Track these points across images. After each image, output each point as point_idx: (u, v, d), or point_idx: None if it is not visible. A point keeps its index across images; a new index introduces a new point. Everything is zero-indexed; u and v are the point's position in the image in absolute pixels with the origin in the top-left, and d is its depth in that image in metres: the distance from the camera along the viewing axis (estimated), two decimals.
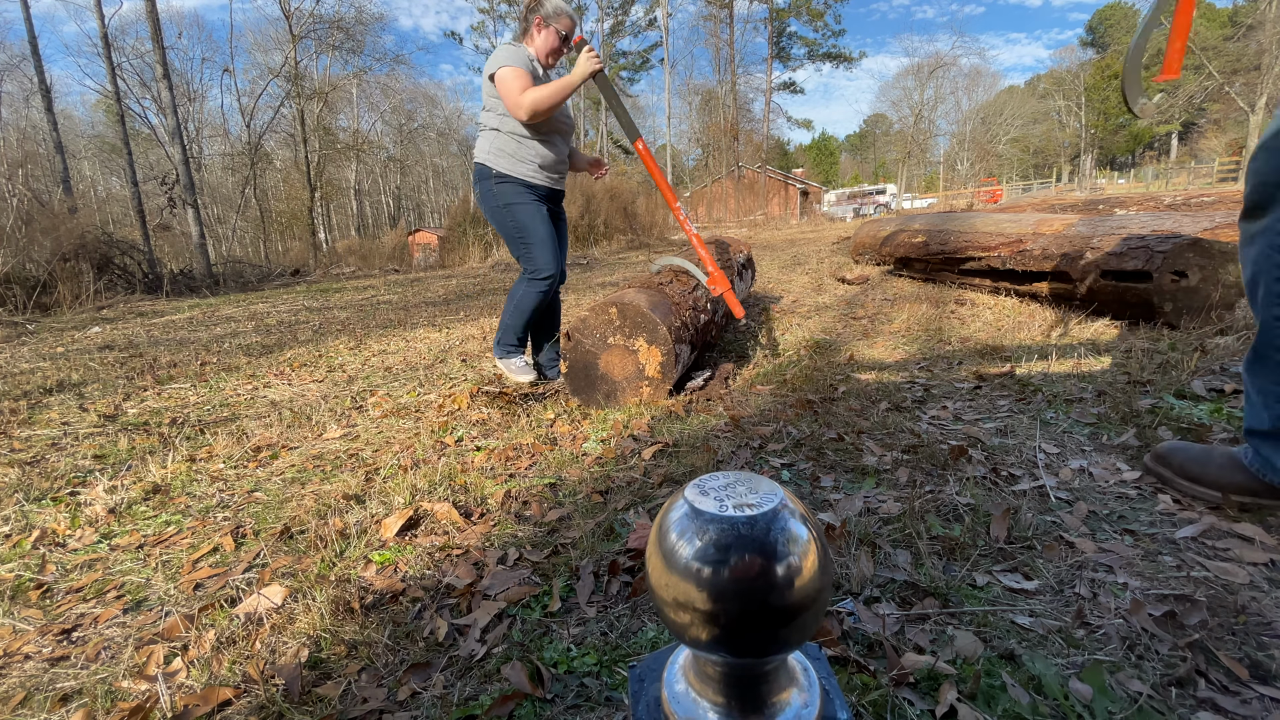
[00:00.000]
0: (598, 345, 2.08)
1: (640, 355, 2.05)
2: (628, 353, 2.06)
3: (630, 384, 2.08)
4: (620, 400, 2.10)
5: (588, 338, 2.08)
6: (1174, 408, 1.61)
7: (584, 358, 2.09)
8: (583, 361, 2.09)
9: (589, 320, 2.07)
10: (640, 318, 2.02)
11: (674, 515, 0.38)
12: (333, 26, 22.68)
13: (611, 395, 2.10)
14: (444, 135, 38.42)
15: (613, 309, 2.05)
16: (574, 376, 2.11)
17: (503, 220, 2.26)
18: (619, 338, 2.06)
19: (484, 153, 2.24)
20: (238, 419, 2.29)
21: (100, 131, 29.70)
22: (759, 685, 0.40)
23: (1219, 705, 0.73)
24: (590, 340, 2.08)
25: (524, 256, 2.27)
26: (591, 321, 2.07)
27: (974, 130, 45.61)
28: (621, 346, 2.06)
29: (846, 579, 1.01)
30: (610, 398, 2.10)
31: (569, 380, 2.12)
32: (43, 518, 1.52)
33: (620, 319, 2.05)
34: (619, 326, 2.05)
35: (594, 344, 2.08)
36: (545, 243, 2.23)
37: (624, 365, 2.07)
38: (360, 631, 0.98)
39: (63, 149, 11.10)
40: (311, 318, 5.47)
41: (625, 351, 2.06)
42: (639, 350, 2.05)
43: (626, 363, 2.07)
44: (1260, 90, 23.78)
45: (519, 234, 2.25)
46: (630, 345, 2.05)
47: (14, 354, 4.14)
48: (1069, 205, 6.66)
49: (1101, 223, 2.93)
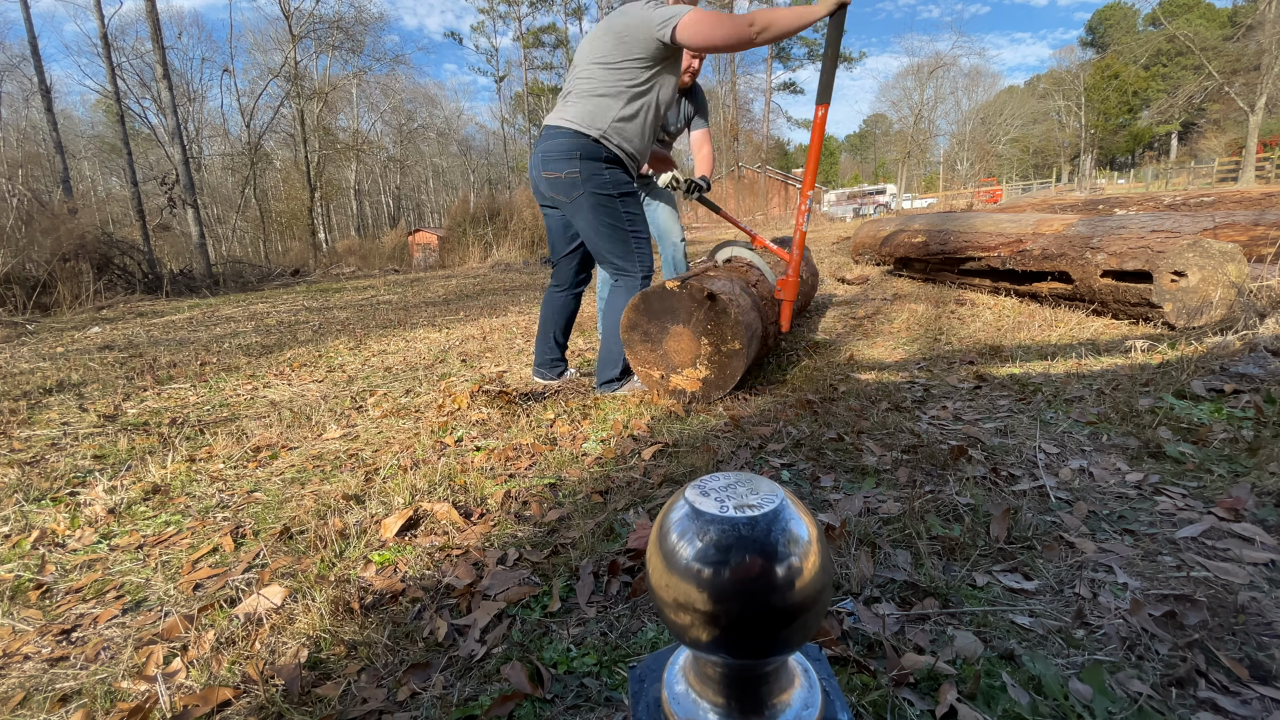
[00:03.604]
0: (679, 315, 1.89)
1: (702, 357, 1.91)
2: (695, 345, 1.90)
3: (670, 375, 1.95)
4: (656, 381, 1.94)
5: (677, 306, 1.87)
6: (1174, 408, 1.61)
7: (661, 314, 1.90)
8: (658, 314, 1.90)
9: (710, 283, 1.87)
10: (733, 328, 1.85)
11: (674, 516, 0.38)
12: (332, 26, 22.69)
13: (650, 366, 1.94)
14: (444, 135, 38.42)
15: (724, 302, 1.84)
16: (640, 318, 1.92)
17: (611, 211, 1.92)
18: (700, 326, 1.86)
19: (593, 124, 1.84)
20: (237, 419, 2.29)
21: (100, 131, 29.68)
22: (759, 686, 0.40)
23: (1219, 705, 0.72)
24: (681, 305, 1.87)
25: (625, 255, 1.97)
26: (712, 286, 1.86)
27: (974, 130, 45.60)
28: (691, 334, 1.91)
29: (846, 579, 1.01)
30: (645, 369, 1.94)
31: (632, 314, 1.94)
32: (42, 518, 1.52)
33: (712, 314, 1.85)
34: (708, 317, 1.85)
35: (679, 311, 1.88)
36: (648, 237, 2.03)
37: (682, 353, 1.92)
38: (360, 632, 0.98)
39: (63, 149, 11.11)
40: (311, 318, 5.47)
41: (694, 341, 1.90)
42: (701, 356, 1.91)
43: (684, 352, 1.92)
44: (1260, 90, 23.77)
45: (631, 227, 1.96)
46: (705, 341, 1.89)
47: (14, 354, 4.14)
48: (1069, 205, 6.66)
49: (1101, 223, 2.93)
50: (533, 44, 35.01)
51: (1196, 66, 31.41)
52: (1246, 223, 3.39)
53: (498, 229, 13.81)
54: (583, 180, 1.88)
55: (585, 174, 1.87)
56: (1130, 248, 2.60)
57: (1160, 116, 38.96)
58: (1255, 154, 23.46)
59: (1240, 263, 2.44)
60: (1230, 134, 35.82)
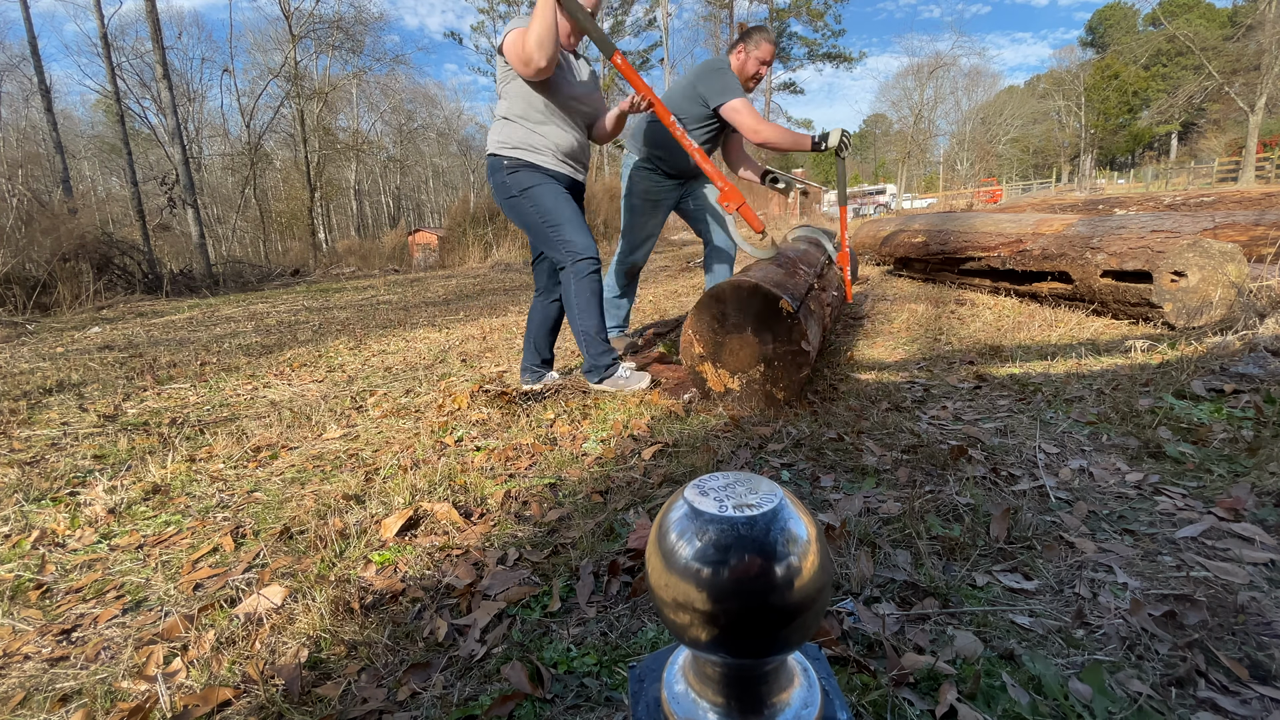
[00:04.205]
0: (744, 318, 1.81)
1: (749, 373, 1.85)
2: (753, 359, 1.83)
3: (711, 362, 1.89)
4: (694, 355, 1.89)
5: (742, 307, 1.80)
6: (1174, 408, 1.61)
7: (746, 318, 1.82)
8: (745, 314, 1.83)
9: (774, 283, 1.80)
10: (791, 356, 1.78)
11: (674, 515, 0.38)
12: (332, 26, 22.67)
13: (699, 342, 1.88)
14: (444, 135, 38.40)
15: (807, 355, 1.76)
16: (731, 309, 1.84)
17: (523, 209, 2.05)
18: (768, 352, 1.79)
19: (494, 143, 2.06)
20: (237, 419, 2.29)
21: (100, 131, 29.66)
22: (759, 685, 0.40)
23: (1219, 705, 0.73)
24: (747, 305, 1.79)
25: (556, 243, 2.03)
26: (777, 287, 1.79)
27: (974, 130, 45.61)
28: (755, 352, 1.83)
29: (846, 579, 1.01)
30: (695, 343, 1.88)
31: (697, 311, 1.88)
32: (42, 518, 1.52)
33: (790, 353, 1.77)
34: (781, 351, 1.78)
35: (745, 313, 1.80)
36: (574, 220, 2.04)
37: (736, 358, 1.86)
38: (360, 632, 0.98)
39: (63, 149, 11.11)
40: (311, 318, 5.47)
41: (753, 356, 1.83)
42: (749, 372, 1.83)
43: (739, 359, 1.85)
44: (1260, 90, 23.78)
45: (543, 218, 2.02)
46: (759, 368, 1.81)
47: (14, 354, 4.14)
48: (1069, 205, 6.66)
49: (1101, 223, 2.93)
50: None
51: (1196, 66, 31.42)
52: (1246, 223, 3.39)
53: (498, 229, 13.81)
54: (496, 194, 2.12)
55: (494, 188, 2.12)
56: (1130, 248, 2.60)
57: (1160, 116, 38.97)
58: (1255, 154, 23.47)
59: (1240, 263, 2.44)
60: (1230, 134, 35.82)
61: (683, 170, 2.73)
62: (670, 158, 2.68)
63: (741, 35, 2.59)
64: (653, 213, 2.78)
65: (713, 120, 2.58)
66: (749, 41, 2.55)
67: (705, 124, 2.61)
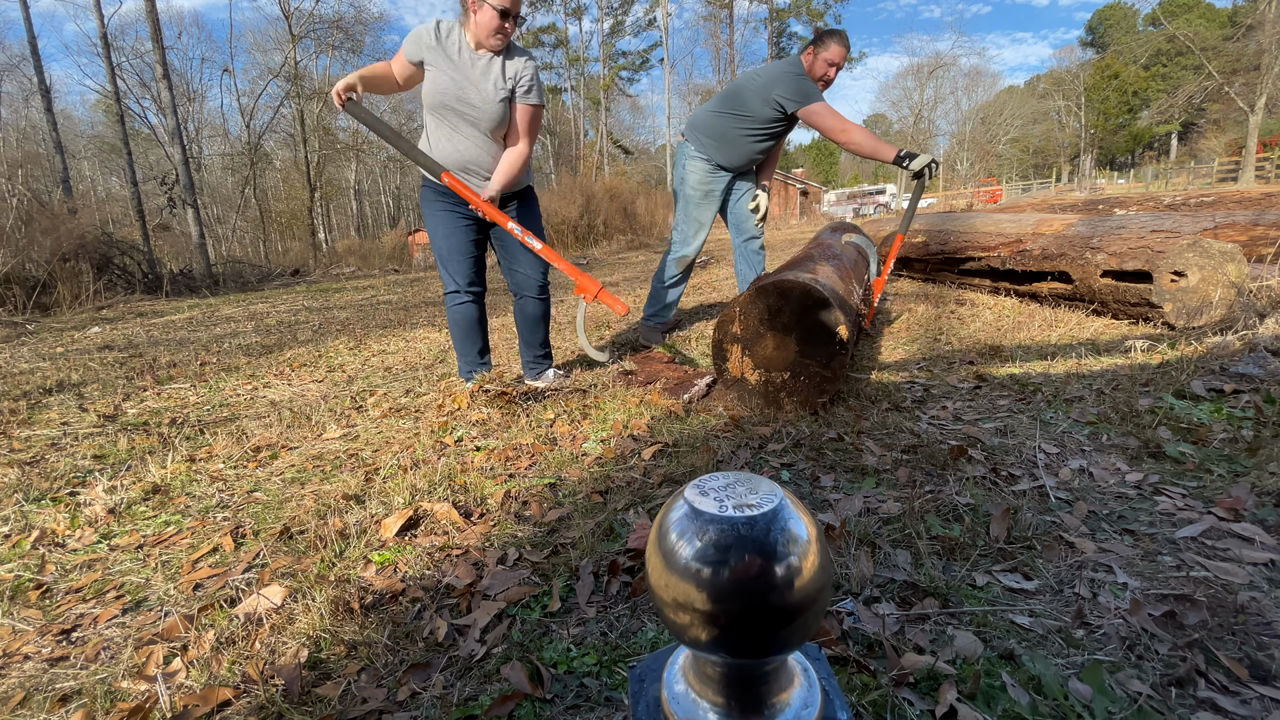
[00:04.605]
0: (797, 323, 1.77)
1: (780, 373, 1.82)
2: (785, 358, 1.80)
3: (741, 351, 1.86)
4: (721, 339, 1.87)
5: (802, 313, 1.76)
6: (1174, 408, 1.61)
7: (784, 315, 1.79)
8: (782, 313, 1.79)
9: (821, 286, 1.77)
10: (829, 373, 1.74)
11: (674, 515, 0.38)
12: (332, 26, 22.69)
13: (733, 323, 1.85)
14: None
15: (836, 319, 1.72)
16: (762, 302, 1.80)
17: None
18: (802, 345, 1.75)
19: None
20: (237, 419, 2.29)
21: (100, 131, 29.67)
22: (759, 686, 0.40)
23: (1219, 705, 0.73)
24: (806, 314, 1.75)
25: (441, 271, 2.14)
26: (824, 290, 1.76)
27: (974, 130, 45.62)
28: (793, 354, 1.79)
29: (846, 579, 1.01)
30: (733, 324, 1.85)
31: (754, 295, 1.82)
32: (42, 518, 1.52)
33: (823, 347, 1.74)
34: (820, 345, 1.74)
35: (801, 320, 1.76)
36: (447, 257, 2.10)
37: (770, 356, 1.83)
38: (360, 632, 0.98)
39: (62, 149, 11.12)
40: (311, 318, 5.47)
41: (787, 355, 1.79)
42: (781, 372, 1.80)
43: (777, 357, 1.82)
44: (1260, 90, 23.79)
45: (435, 242, 2.09)
46: (792, 372, 1.78)
47: (14, 354, 4.14)
48: (1069, 205, 6.66)
49: (1101, 223, 2.93)
50: (532, 44, 34.98)
51: (1196, 66, 31.44)
52: (1246, 223, 3.39)
53: None
54: None
55: None
56: (1130, 248, 2.60)
57: (1160, 116, 38.99)
58: (1255, 154, 23.48)
59: (1240, 263, 2.44)
60: (1230, 134, 35.84)
61: (733, 165, 2.78)
62: (723, 150, 2.72)
63: (815, 37, 2.60)
64: (705, 203, 2.83)
65: (779, 123, 2.61)
66: (820, 44, 2.56)
67: (771, 126, 2.63)
